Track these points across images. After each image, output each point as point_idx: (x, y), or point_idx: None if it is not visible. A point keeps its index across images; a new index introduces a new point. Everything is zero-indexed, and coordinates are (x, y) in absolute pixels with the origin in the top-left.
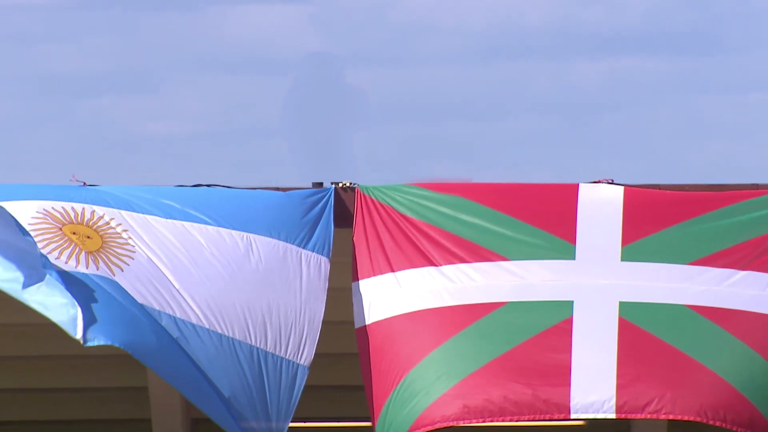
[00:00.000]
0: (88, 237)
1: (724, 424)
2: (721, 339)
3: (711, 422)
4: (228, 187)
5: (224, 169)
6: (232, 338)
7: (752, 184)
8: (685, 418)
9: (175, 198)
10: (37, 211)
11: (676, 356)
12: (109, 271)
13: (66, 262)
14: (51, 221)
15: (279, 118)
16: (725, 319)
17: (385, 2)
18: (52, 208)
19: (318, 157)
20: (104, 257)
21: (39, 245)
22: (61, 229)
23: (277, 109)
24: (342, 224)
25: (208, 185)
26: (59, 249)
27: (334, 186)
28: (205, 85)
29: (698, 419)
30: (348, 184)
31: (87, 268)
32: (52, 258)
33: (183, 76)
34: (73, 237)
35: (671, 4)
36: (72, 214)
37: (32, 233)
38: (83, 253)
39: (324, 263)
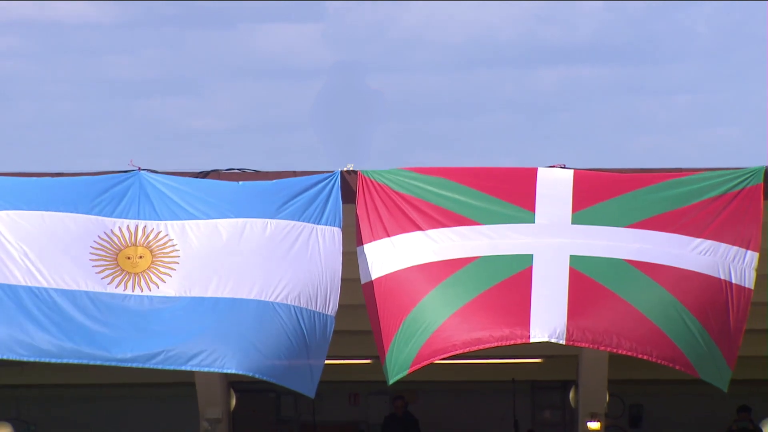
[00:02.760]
0: (140, 257)
1: (650, 358)
2: (650, 288)
3: (640, 356)
4: (255, 171)
5: (253, 157)
6: (274, 302)
7: (676, 168)
8: (620, 352)
9: (212, 195)
10: (99, 236)
11: (616, 300)
12: (156, 283)
13: (116, 287)
14: (109, 248)
15: (301, 114)
16: (654, 272)
17: (382, 22)
18: (112, 231)
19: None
20: (153, 272)
21: (95, 270)
22: (116, 256)
23: (295, 108)
24: (347, 201)
25: (239, 170)
26: (112, 276)
27: (340, 170)
28: (238, 88)
29: (630, 353)
30: (351, 168)
31: (133, 291)
32: (104, 283)
33: (220, 81)
34: (126, 263)
35: (614, 24)
36: (127, 236)
37: (92, 259)
38: (131, 277)
39: (337, 232)
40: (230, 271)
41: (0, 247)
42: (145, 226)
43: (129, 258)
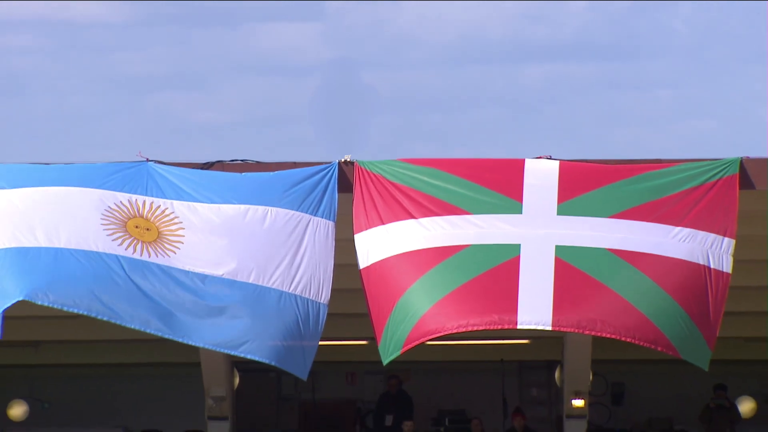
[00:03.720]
0: (147, 229)
1: (633, 341)
2: (632, 275)
3: (624, 339)
4: (257, 162)
5: (256, 149)
6: (270, 287)
7: (656, 159)
8: (605, 335)
9: (216, 182)
10: (109, 206)
11: (599, 288)
12: (163, 253)
13: (126, 249)
14: (118, 216)
15: (300, 108)
16: (636, 259)
17: (378, 21)
18: (121, 202)
19: (334, 138)
20: (159, 246)
21: (106, 233)
22: (125, 223)
23: (295, 102)
24: (344, 190)
25: (242, 161)
26: (121, 238)
27: (338, 161)
28: (241, 83)
29: (614, 336)
30: (348, 160)
31: (141, 255)
32: (116, 245)
33: (224, 77)
34: (135, 230)
35: (597, 23)
36: (135, 208)
37: (103, 224)
38: (140, 243)
39: (330, 227)
40: (232, 252)
41: (22, 217)
42: (152, 202)
43: (137, 227)
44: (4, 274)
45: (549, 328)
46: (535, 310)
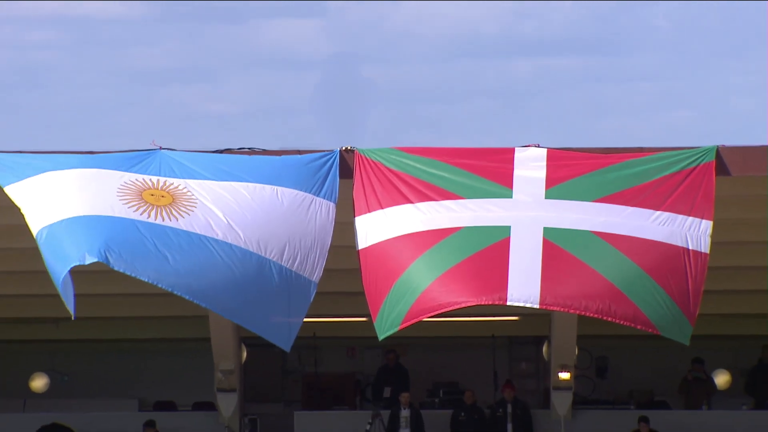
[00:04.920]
0: (162, 197)
1: (614, 319)
2: (615, 257)
3: (605, 318)
4: (264, 150)
5: (262, 138)
6: (269, 259)
7: (638, 147)
8: (587, 313)
9: (225, 164)
10: (124, 182)
11: (584, 268)
12: (176, 217)
13: (141, 214)
14: (134, 189)
15: (304, 100)
16: (618, 242)
17: (377, 18)
18: (136, 180)
19: (335, 128)
20: (174, 209)
21: (121, 202)
22: (141, 193)
23: (299, 94)
24: (345, 176)
25: (249, 149)
26: (136, 206)
27: (339, 149)
28: (248, 76)
29: (596, 315)
30: (349, 148)
31: (155, 219)
32: (131, 211)
33: (233, 70)
34: (150, 198)
35: (583, 20)
36: (150, 183)
37: (118, 195)
38: (155, 208)
39: (331, 207)
40: (240, 223)
41: (55, 199)
42: (165, 181)
43: (153, 195)
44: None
45: (537, 306)
46: (524, 288)
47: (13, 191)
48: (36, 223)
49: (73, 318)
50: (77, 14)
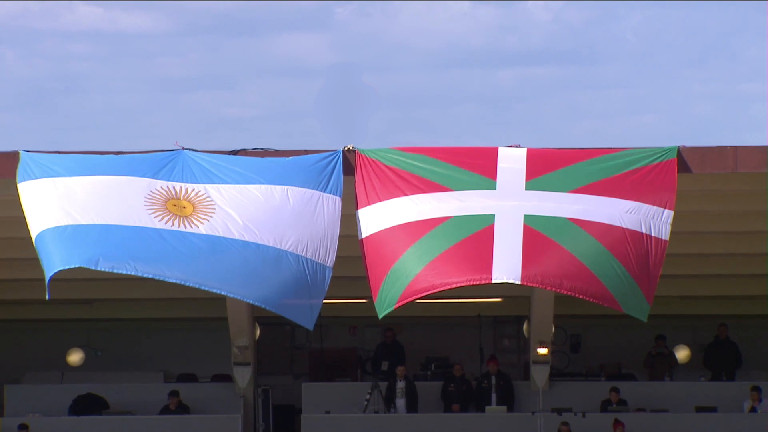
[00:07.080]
0: (184, 207)
1: (584, 297)
2: (587, 240)
3: (576, 295)
4: (274, 150)
5: (274, 138)
6: (285, 250)
7: (608, 147)
8: (562, 291)
9: (240, 166)
10: (150, 191)
11: (560, 250)
12: (197, 225)
13: (165, 223)
14: (159, 199)
15: (311, 105)
16: (590, 227)
17: (376, 31)
18: (161, 188)
19: (338, 130)
20: (194, 218)
21: (148, 212)
22: (165, 203)
23: (307, 99)
24: (347, 173)
25: (262, 149)
26: (161, 215)
27: (342, 149)
28: (262, 84)
29: (569, 293)
30: (351, 148)
31: (178, 227)
32: (156, 221)
33: (248, 78)
34: (174, 208)
35: (560, 34)
36: (173, 192)
37: (146, 205)
38: (177, 218)
39: (337, 201)
40: (255, 222)
41: (77, 200)
42: (187, 188)
43: (175, 205)
44: (63, 245)
45: (519, 282)
46: (507, 267)
47: (28, 187)
48: (46, 220)
49: (47, 299)
50: (113, 29)
